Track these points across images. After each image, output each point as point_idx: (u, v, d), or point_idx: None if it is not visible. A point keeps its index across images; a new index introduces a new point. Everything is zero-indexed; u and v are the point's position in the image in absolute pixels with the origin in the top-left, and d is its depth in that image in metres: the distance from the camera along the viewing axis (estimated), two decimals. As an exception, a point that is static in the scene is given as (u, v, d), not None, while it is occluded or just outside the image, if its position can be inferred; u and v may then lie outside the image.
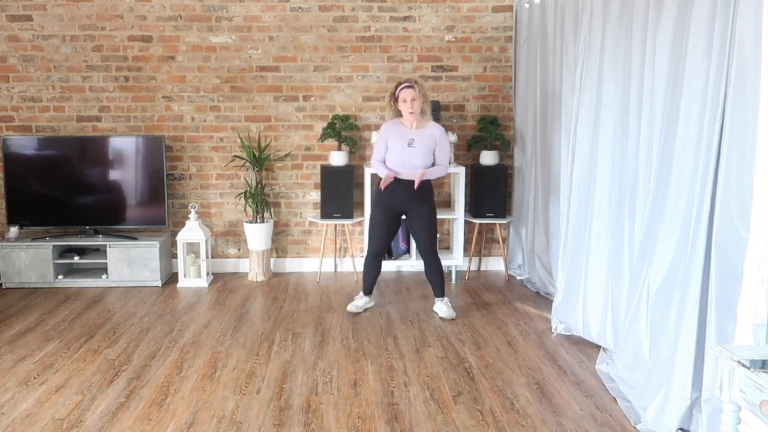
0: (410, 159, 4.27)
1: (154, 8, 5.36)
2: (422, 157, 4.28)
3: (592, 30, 3.77)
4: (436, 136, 4.32)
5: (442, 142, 4.35)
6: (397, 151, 4.28)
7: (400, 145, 4.28)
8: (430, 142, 4.30)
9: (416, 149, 4.27)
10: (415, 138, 4.27)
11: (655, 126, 3.16)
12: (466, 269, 5.60)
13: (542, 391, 3.34)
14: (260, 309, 4.69)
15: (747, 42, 2.45)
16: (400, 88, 4.28)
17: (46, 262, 5.16)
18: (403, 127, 4.32)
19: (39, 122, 5.44)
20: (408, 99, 4.24)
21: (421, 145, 4.27)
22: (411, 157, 4.26)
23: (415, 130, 4.30)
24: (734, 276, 2.54)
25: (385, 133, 4.34)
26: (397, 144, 4.28)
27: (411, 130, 4.30)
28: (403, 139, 4.28)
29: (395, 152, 4.29)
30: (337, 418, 3.05)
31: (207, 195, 5.61)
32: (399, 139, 4.29)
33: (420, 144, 4.27)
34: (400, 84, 4.30)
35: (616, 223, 3.60)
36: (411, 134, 4.29)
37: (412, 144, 4.26)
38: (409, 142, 4.27)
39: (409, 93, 4.24)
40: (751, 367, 1.95)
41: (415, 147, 4.26)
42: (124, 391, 3.33)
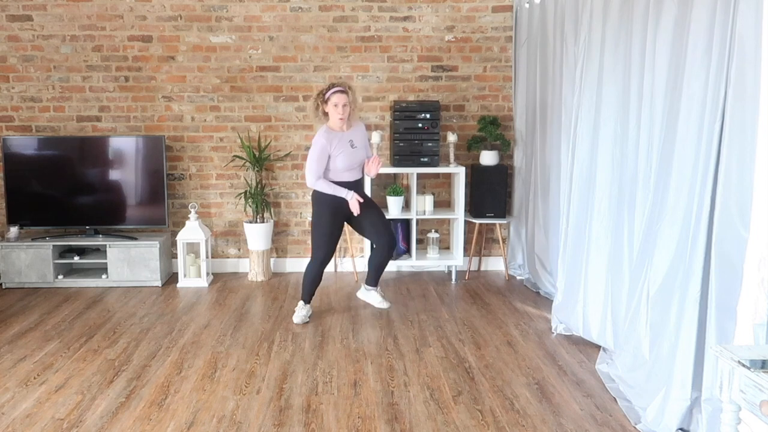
0: (357, 159, 4.26)
1: (154, 8, 5.36)
2: (362, 155, 4.30)
3: (592, 30, 3.77)
4: (364, 131, 4.37)
5: (366, 135, 4.40)
6: (344, 157, 4.18)
7: (344, 149, 4.18)
8: (364, 138, 4.34)
9: (358, 148, 4.26)
10: (353, 138, 4.25)
11: (655, 126, 3.16)
12: (466, 269, 5.59)
13: (542, 391, 3.34)
14: (260, 309, 4.69)
15: (747, 42, 2.45)
16: (333, 91, 4.13)
17: (46, 262, 5.16)
18: (337, 133, 4.20)
19: (39, 122, 5.44)
20: (340, 104, 4.11)
21: (360, 144, 4.28)
22: (356, 158, 4.25)
23: (348, 132, 4.25)
24: (734, 276, 2.54)
25: (326, 146, 4.13)
26: (342, 149, 4.17)
27: (345, 132, 4.23)
28: (345, 143, 4.20)
29: (343, 158, 4.17)
30: (337, 418, 3.05)
31: (207, 195, 5.61)
32: (341, 145, 4.17)
33: (359, 142, 4.27)
34: (332, 86, 4.16)
35: (616, 223, 3.60)
36: (348, 136, 4.23)
37: (353, 145, 4.24)
38: (351, 143, 4.23)
39: (341, 98, 4.12)
40: (751, 367, 1.95)
41: (357, 146, 4.26)
42: (124, 391, 3.33)
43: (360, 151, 4.27)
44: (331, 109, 4.16)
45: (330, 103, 4.15)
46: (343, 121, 4.18)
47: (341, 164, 4.20)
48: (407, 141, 5.19)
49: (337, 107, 4.13)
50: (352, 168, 4.25)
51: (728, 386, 2.06)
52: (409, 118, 5.20)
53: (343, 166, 4.21)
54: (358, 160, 4.28)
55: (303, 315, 4.38)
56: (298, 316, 4.38)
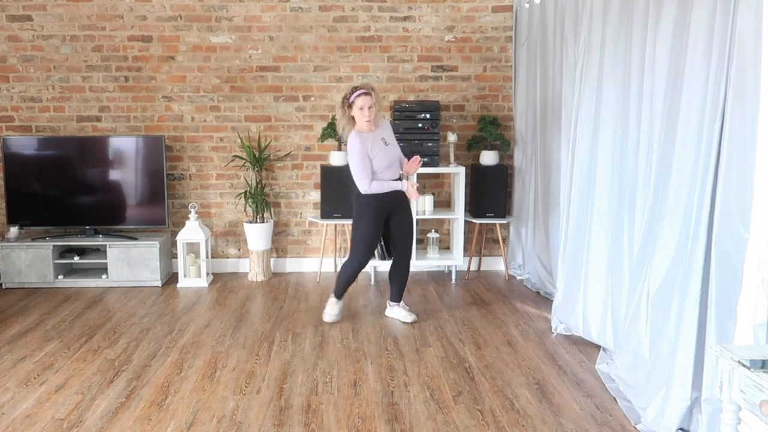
0: (393, 156, 4.23)
1: (154, 8, 5.36)
2: (396, 150, 4.29)
3: (592, 30, 3.77)
4: (390, 127, 4.36)
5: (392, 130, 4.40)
6: (381, 156, 4.15)
7: (380, 148, 4.15)
8: (393, 135, 4.33)
9: (391, 145, 4.25)
10: (384, 136, 4.23)
11: (655, 126, 3.16)
12: (466, 269, 5.59)
13: (542, 391, 3.34)
14: (260, 309, 4.69)
15: (747, 42, 2.45)
16: (357, 94, 4.07)
17: (46, 262, 5.16)
18: (368, 134, 4.15)
19: (39, 122, 5.44)
20: (365, 107, 4.05)
21: (391, 140, 4.26)
22: (392, 155, 4.23)
23: (377, 131, 4.21)
24: (734, 276, 2.54)
25: (363, 147, 4.08)
26: (378, 149, 4.14)
27: (374, 132, 4.18)
28: (379, 142, 4.16)
29: (381, 157, 4.14)
30: (337, 418, 3.05)
31: (207, 195, 5.61)
32: (375, 145, 4.14)
33: (390, 139, 4.26)
34: (355, 90, 4.10)
35: (616, 223, 3.59)
36: (378, 135, 4.19)
37: (387, 142, 4.22)
38: (384, 141, 4.21)
39: (366, 100, 4.05)
40: (751, 367, 1.95)
41: (390, 143, 4.24)
42: (124, 391, 3.33)
43: (393, 148, 4.26)
44: (357, 113, 4.09)
45: (355, 107, 4.08)
46: (371, 123, 4.14)
47: (380, 163, 4.17)
48: (407, 141, 5.18)
49: (362, 110, 4.07)
50: (390, 165, 4.21)
51: (728, 386, 2.06)
52: (409, 118, 5.20)
53: (382, 165, 4.18)
54: (395, 156, 4.25)
55: (335, 313, 4.39)
56: (329, 314, 4.38)
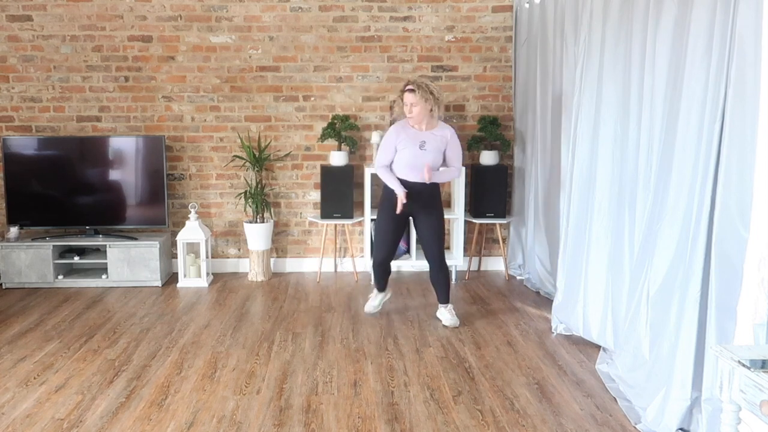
0: (422, 161, 4.11)
1: (154, 8, 5.36)
2: (433, 159, 4.15)
3: (592, 30, 3.77)
4: (447, 138, 4.18)
5: (453, 143, 4.20)
6: (408, 154, 4.12)
7: (411, 147, 4.12)
8: (442, 144, 4.17)
9: (428, 151, 4.13)
10: (427, 140, 4.14)
11: (655, 126, 3.16)
12: (466, 269, 5.59)
13: (542, 391, 3.34)
14: (260, 309, 4.69)
15: (747, 42, 2.45)
16: (404, 89, 4.11)
17: (46, 262, 5.16)
18: (411, 129, 4.16)
19: (39, 122, 5.44)
20: (408, 104, 4.08)
21: (432, 147, 4.14)
22: (423, 160, 4.11)
23: (426, 132, 4.16)
24: (734, 276, 2.54)
25: (394, 136, 4.16)
26: (409, 146, 4.12)
27: (421, 132, 4.16)
28: (415, 141, 4.13)
29: (406, 155, 4.13)
30: (337, 418, 3.05)
31: (207, 195, 5.61)
32: (410, 141, 4.12)
33: (431, 146, 4.13)
34: (406, 84, 4.13)
35: (616, 223, 3.59)
36: (422, 136, 4.14)
37: (423, 146, 4.12)
38: (421, 144, 4.12)
39: (408, 98, 4.07)
40: (751, 367, 1.95)
41: (427, 149, 4.13)
42: (124, 391, 3.33)
43: (429, 155, 4.12)
44: (404, 108, 4.15)
45: (404, 102, 4.14)
46: (414, 120, 4.12)
47: (403, 161, 4.15)
48: (407, 141, 5.18)
49: (407, 106, 4.10)
50: (415, 169, 4.13)
51: (728, 386, 2.06)
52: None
53: (404, 163, 4.15)
54: (423, 163, 4.11)
55: (374, 305, 4.51)
56: (369, 305, 4.52)
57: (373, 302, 4.52)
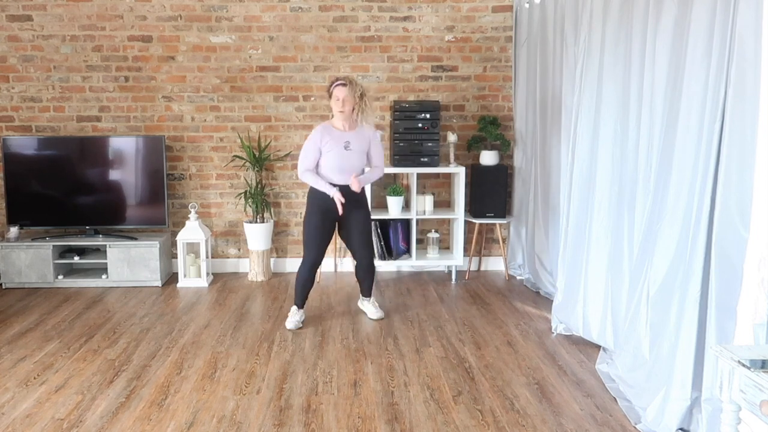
0: (348, 162, 4.11)
1: (154, 8, 5.36)
2: (358, 159, 4.16)
3: (592, 30, 3.77)
4: (369, 137, 4.19)
5: (376, 142, 4.22)
6: (334, 156, 4.09)
7: (337, 148, 4.09)
8: (365, 144, 4.18)
9: (353, 152, 4.12)
10: (351, 140, 4.12)
11: (655, 126, 3.16)
12: (466, 269, 5.60)
13: (542, 391, 3.34)
14: (260, 309, 4.69)
15: (747, 42, 2.45)
16: (335, 84, 4.10)
17: (46, 262, 5.16)
18: (335, 131, 4.13)
19: (39, 122, 5.44)
20: (340, 98, 4.05)
21: (356, 147, 4.13)
22: (348, 160, 4.11)
23: (350, 132, 4.14)
24: (734, 276, 2.54)
25: (317, 139, 4.10)
26: (334, 148, 4.08)
27: (345, 132, 4.14)
28: (339, 142, 4.09)
29: (332, 157, 4.09)
30: (337, 418, 3.05)
31: (207, 195, 5.61)
32: (335, 142, 4.09)
33: (356, 146, 4.13)
34: (336, 80, 4.12)
35: (616, 223, 3.60)
36: (346, 137, 4.12)
37: (348, 147, 4.10)
38: (346, 145, 4.10)
39: (341, 91, 4.05)
40: (751, 367, 1.95)
41: (352, 149, 4.11)
42: (124, 391, 3.33)
43: (354, 155, 4.13)
44: (333, 103, 4.12)
45: (333, 98, 4.12)
46: (343, 115, 4.10)
47: (330, 163, 4.11)
48: (407, 141, 5.19)
49: (338, 101, 4.08)
50: (342, 171, 4.11)
51: (728, 386, 2.06)
52: (409, 118, 5.20)
53: (331, 166, 4.12)
54: (351, 163, 4.13)
55: (296, 320, 4.27)
56: (290, 321, 4.27)
57: (294, 317, 4.29)
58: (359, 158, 4.19)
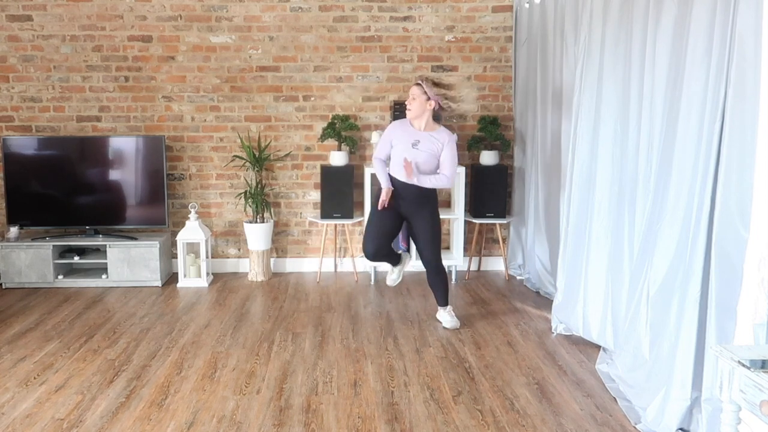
0: (412, 161, 4.07)
1: (154, 8, 5.36)
2: (425, 161, 4.09)
3: (592, 30, 3.77)
4: (443, 141, 4.10)
5: (449, 148, 4.11)
6: (400, 150, 4.10)
7: (404, 144, 4.10)
8: (436, 147, 4.09)
9: (420, 151, 4.07)
10: (421, 140, 4.11)
11: (655, 126, 3.16)
12: (466, 269, 5.59)
13: (542, 391, 3.34)
14: (260, 309, 4.69)
15: (747, 42, 2.45)
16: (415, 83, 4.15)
17: (46, 262, 5.16)
18: (410, 127, 4.15)
19: (39, 122, 5.44)
20: (410, 96, 4.11)
21: (426, 148, 4.08)
22: (413, 159, 4.07)
23: (423, 132, 4.13)
24: (734, 276, 2.54)
25: (390, 131, 4.19)
26: (402, 143, 4.11)
27: (418, 131, 4.13)
28: (408, 138, 4.10)
29: (398, 152, 4.11)
30: (337, 418, 3.05)
31: (207, 195, 5.61)
32: (404, 138, 4.11)
33: (425, 147, 4.08)
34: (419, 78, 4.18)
35: (616, 223, 3.60)
36: (418, 135, 4.10)
37: (416, 145, 4.08)
38: (414, 143, 4.08)
39: (412, 90, 4.10)
40: (751, 367, 1.95)
41: (419, 149, 4.09)
42: (124, 391, 3.33)
43: (422, 155, 4.07)
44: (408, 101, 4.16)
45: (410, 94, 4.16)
46: (410, 113, 4.12)
47: (395, 158, 4.15)
48: (407, 141, 5.18)
49: (409, 99, 4.13)
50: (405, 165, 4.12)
51: (728, 386, 2.06)
52: (409, 118, 5.19)
53: (395, 161, 4.15)
54: (415, 162, 4.08)
55: (393, 278, 4.53)
56: (389, 278, 4.55)
57: (391, 275, 4.53)
58: (427, 160, 4.12)
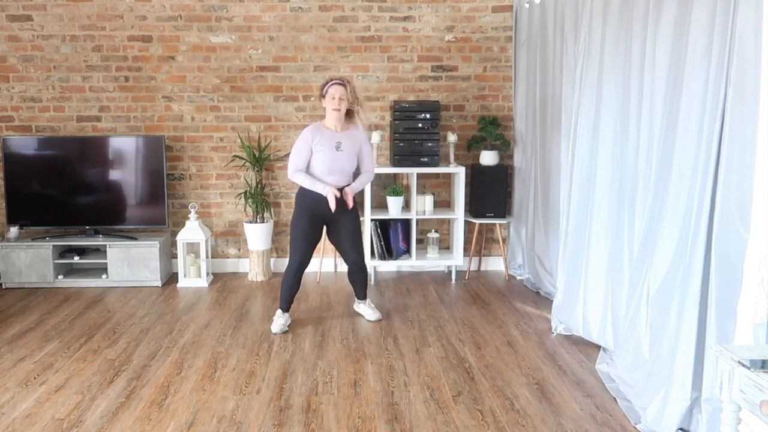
0: (339, 163, 4.07)
1: (154, 8, 5.36)
2: (349, 161, 4.12)
3: (592, 30, 3.77)
4: (360, 139, 4.16)
5: (366, 145, 4.19)
6: (325, 156, 4.04)
7: (328, 149, 4.04)
8: (356, 145, 4.15)
9: (344, 152, 4.07)
10: (342, 141, 4.08)
11: (655, 126, 3.16)
12: (466, 269, 5.59)
13: (542, 391, 3.34)
14: (260, 309, 4.69)
15: (747, 42, 2.45)
16: (331, 83, 4.08)
17: (46, 262, 5.16)
18: (327, 131, 4.10)
19: (39, 122, 5.44)
20: (336, 96, 4.03)
21: (348, 148, 4.10)
22: (339, 161, 4.07)
23: (341, 133, 4.11)
24: (734, 276, 2.54)
25: (308, 138, 4.06)
26: (325, 148, 4.04)
27: (336, 132, 4.10)
28: (331, 143, 4.05)
29: (323, 157, 4.05)
30: (337, 418, 3.05)
31: (207, 195, 5.61)
32: (326, 142, 4.05)
33: (347, 147, 4.09)
34: (331, 80, 4.10)
35: (616, 223, 3.60)
36: (337, 137, 4.08)
37: (340, 147, 4.06)
38: (337, 145, 4.06)
39: (338, 90, 4.04)
40: (751, 367, 1.95)
41: (343, 150, 4.07)
42: (124, 391, 3.33)
43: (345, 156, 4.09)
44: (328, 102, 4.08)
45: (327, 96, 4.08)
46: (338, 114, 4.07)
47: (320, 164, 4.07)
48: (407, 141, 5.19)
49: (333, 99, 4.05)
50: (333, 172, 4.08)
51: (728, 386, 2.06)
52: (409, 118, 5.19)
53: (322, 167, 4.08)
54: (341, 164, 4.09)
55: (281, 324, 4.18)
56: (276, 325, 4.18)
57: (279, 321, 4.21)
58: (350, 159, 4.15)
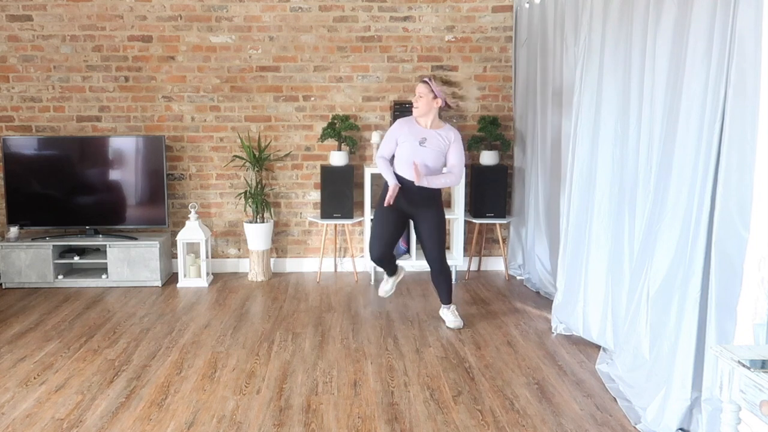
0: (420, 158, 4.04)
1: (154, 8, 5.36)
2: (433, 159, 4.08)
3: (592, 30, 3.77)
4: (450, 139, 4.10)
5: (456, 146, 4.11)
6: (406, 149, 4.06)
7: (411, 142, 4.05)
8: (443, 145, 4.09)
9: (428, 149, 4.05)
10: (428, 137, 4.07)
11: (655, 126, 3.16)
12: (466, 269, 5.59)
13: (542, 391, 3.34)
14: (260, 309, 4.69)
15: (747, 42, 2.46)
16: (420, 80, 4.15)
17: (46, 262, 5.16)
18: (416, 125, 4.11)
19: (39, 122, 5.44)
20: (417, 94, 4.08)
21: (433, 146, 4.06)
22: (421, 157, 4.04)
23: (429, 130, 4.10)
24: (734, 276, 2.54)
25: (397, 130, 4.13)
26: (408, 141, 4.06)
27: (425, 129, 4.10)
28: (415, 136, 4.07)
29: (405, 150, 4.07)
30: (337, 418, 3.05)
31: (207, 195, 5.61)
32: (411, 136, 4.07)
33: (432, 144, 4.06)
34: (424, 76, 4.16)
35: (616, 223, 3.60)
36: (424, 133, 4.08)
37: (423, 143, 4.05)
38: (421, 141, 4.05)
39: (418, 88, 4.08)
40: (751, 367, 1.95)
41: (427, 147, 4.05)
42: (124, 391, 3.33)
43: (428, 153, 4.05)
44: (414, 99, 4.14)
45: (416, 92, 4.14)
46: (417, 111, 4.09)
47: (402, 156, 4.10)
48: (407, 141, 5.18)
49: (415, 97, 4.11)
50: (412, 165, 4.03)
51: (728, 386, 2.06)
52: (409, 118, 5.19)
53: (402, 159, 4.09)
54: (423, 160, 4.04)
55: (387, 289, 4.54)
56: (382, 288, 4.55)
57: (385, 286, 4.53)
58: (434, 157, 4.10)
